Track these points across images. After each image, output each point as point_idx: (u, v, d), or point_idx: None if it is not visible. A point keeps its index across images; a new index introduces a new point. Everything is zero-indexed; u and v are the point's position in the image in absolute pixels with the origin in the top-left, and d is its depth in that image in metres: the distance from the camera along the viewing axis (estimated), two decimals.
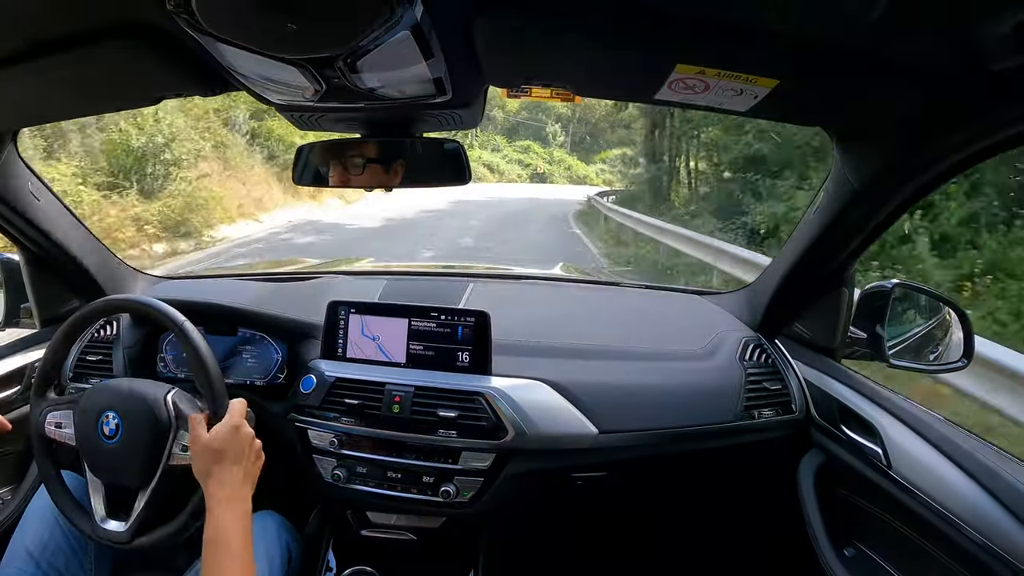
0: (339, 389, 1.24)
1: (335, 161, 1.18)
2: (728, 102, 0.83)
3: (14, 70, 0.82)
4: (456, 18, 0.70)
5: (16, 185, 1.25)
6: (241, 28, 0.69)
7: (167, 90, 0.97)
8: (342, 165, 1.18)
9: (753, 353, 1.30)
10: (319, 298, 1.35)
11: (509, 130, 43.09)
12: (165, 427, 1.00)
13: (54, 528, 1.09)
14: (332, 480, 1.24)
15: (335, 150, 1.18)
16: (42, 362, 1.10)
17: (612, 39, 0.72)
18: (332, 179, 1.19)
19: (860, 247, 1.14)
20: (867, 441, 1.07)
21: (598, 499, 1.37)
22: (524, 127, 43.20)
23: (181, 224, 9.31)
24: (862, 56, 0.67)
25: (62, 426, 1.05)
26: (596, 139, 45.02)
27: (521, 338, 1.31)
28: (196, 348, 1.03)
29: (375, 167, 1.17)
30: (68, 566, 1.07)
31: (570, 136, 44.99)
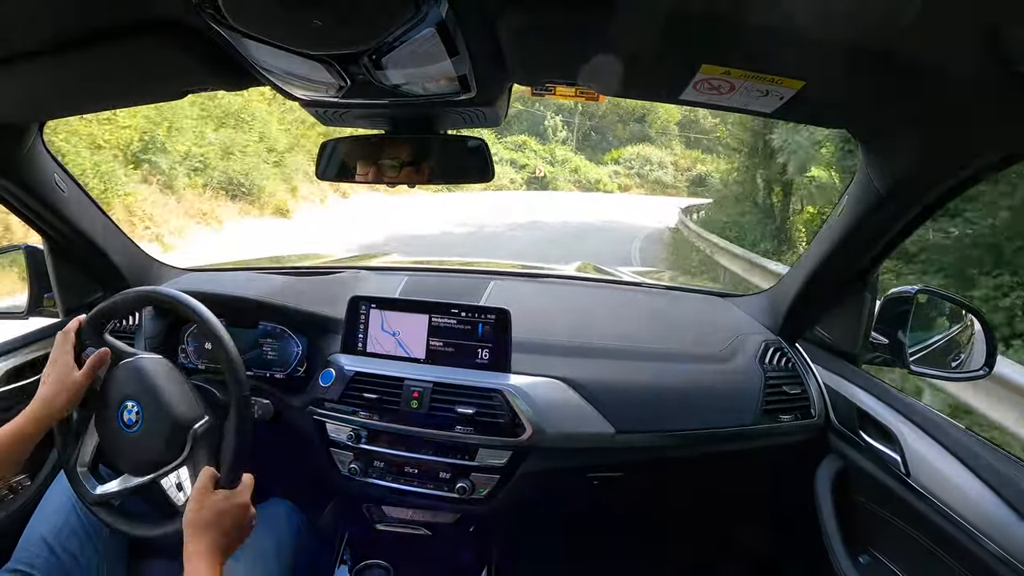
0: (358, 383, 1.25)
1: (359, 157, 1.19)
2: (753, 103, 0.82)
3: (41, 63, 0.83)
4: (481, 16, 0.70)
5: (42, 176, 1.26)
6: (267, 24, 0.69)
7: (193, 84, 0.98)
8: (365, 161, 1.19)
9: (773, 356, 1.29)
10: (340, 293, 1.36)
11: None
12: (176, 453, 0.99)
13: (69, 515, 1.10)
14: (349, 474, 1.25)
15: (359, 146, 1.19)
16: (96, 310, 1.09)
17: (637, 38, 0.72)
18: (355, 175, 1.20)
19: (884, 251, 1.13)
20: (886, 448, 1.06)
21: (613, 499, 1.37)
22: (518, 120, 33.93)
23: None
24: (889, 57, 0.66)
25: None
26: (604, 135, 38.56)
27: (541, 336, 1.31)
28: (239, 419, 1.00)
29: (399, 163, 1.17)
30: (82, 552, 1.09)
31: (576, 131, 37.09)
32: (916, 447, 1.00)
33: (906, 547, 1.03)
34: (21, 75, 0.88)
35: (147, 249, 1.63)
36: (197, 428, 0.99)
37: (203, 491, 0.91)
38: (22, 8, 0.73)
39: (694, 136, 38.44)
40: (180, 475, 1.01)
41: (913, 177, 0.92)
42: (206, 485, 0.91)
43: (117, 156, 9.04)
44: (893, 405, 1.10)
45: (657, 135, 38.78)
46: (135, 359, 1.04)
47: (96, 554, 1.11)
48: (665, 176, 34.96)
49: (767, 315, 1.39)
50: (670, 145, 37.96)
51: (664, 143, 38.22)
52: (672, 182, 34.60)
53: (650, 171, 34.91)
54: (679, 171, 35.60)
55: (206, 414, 1.01)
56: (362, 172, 1.19)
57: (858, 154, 1.00)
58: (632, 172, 34.89)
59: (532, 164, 27.29)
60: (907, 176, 0.92)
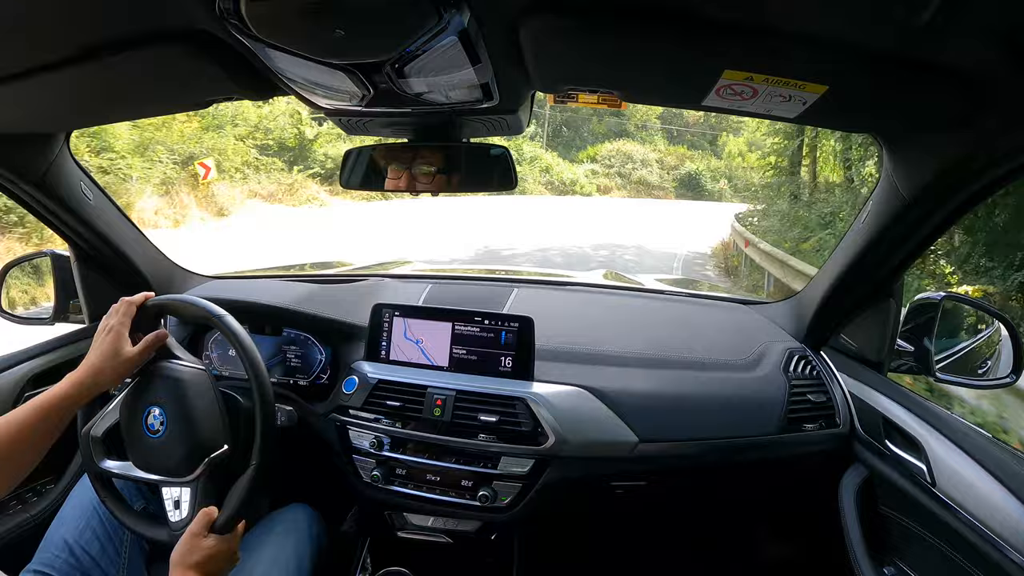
0: (381, 391, 1.25)
1: (382, 165, 1.20)
2: (776, 108, 0.82)
3: (68, 73, 0.84)
4: (503, 24, 0.70)
5: (69, 184, 1.28)
6: (290, 34, 0.70)
7: (217, 94, 0.99)
8: (389, 169, 1.19)
9: (798, 364, 1.28)
10: (364, 300, 1.37)
11: None
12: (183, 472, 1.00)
13: (91, 518, 1.11)
14: (371, 480, 1.25)
15: (382, 154, 1.19)
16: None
17: (659, 45, 0.72)
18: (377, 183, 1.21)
19: (909, 257, 1.12)
20: (911, 457, 1.04)
21: (636, 507, 1.36)
22: None
23: None
24: (912, 60, 0.66)
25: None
26: (577, 130, 33.88)
27: (564, 344, 1.31)
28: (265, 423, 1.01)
29: (422, 171, 1.18)
30: (102, 555, 1.09)
31: (546, 125, 31.65)
32: (942, 456, 0.99)
33: (932, 558, 1.02)
34: (48, 85, 0.89)
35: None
36: (214, 456, 1.00)
37: (195, 535, 0.93)
38: (49, 19, 0.74)
39: (677, 130, 35.20)
40: (182, 494, 1.00)
41: (938, 181, 0.90)
42: (201, 529, 0.94)
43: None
44: (919, 413, 1.08)
45: (636, 130, 34.61)
46: (180, 365, 1.04)
47: (116, 558, 1.11)
48: (650, 175, 30.19)
49: (791, 322, 1.38)
50: (652, 140, 33.34)
51: (645, 138, 34.02)
52: (659, 182, 30.23)
53: (632, 170, 30.20)
54: (665, 169, 31.19)
55: (227, 443, 1.01)
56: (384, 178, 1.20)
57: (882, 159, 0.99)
58: (612, 171, 30.07)
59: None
60: (932, 180, 0.91)
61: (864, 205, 1.11)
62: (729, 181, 30.21)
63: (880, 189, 1.03)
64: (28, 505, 1.32)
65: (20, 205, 1.28)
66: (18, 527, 1.27)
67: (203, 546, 0.92)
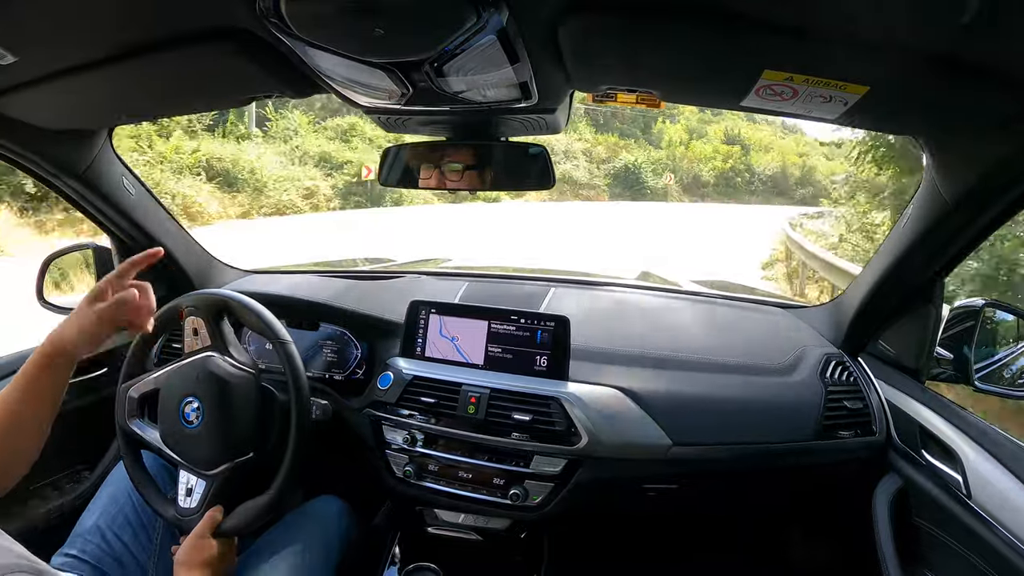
0: (416, 387, 1.26)
1: (421, 163, 1.21)
2: (817, 109, 0.81)
3: (112, 71, 0.86)
4: (542, 23, 0.71)
5: (111, 179, 1.31)
6: (330, 33, 0.71)
7: (257, 92, 1.02)
8: (428, 167, 1.21)
9: (835, 370, 1.26)
10: (400, 297, 1.38)
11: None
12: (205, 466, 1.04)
13: (125, 505, 1.13)
14: (403, 476, 1.26)
15: (421, 152, 1.21)
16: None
17: (698, 45, 0.72)
18: (417, 181, 1.22)
19: (950, 263, 1.10)
20: (947, 468, 1.03)
21: (667, 510, 1.36)
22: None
23: None
24: (955, 61, 0.65)
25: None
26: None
27: (600, 344, 1.31)
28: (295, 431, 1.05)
29: (460, 169, 1.19)
30: (135, 542, 1.11)
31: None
32: (979, 468, 0.97)
33: (965, 572, 0.99)
34: (93, 83, 0.91)
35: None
36: (238, 461, 1.03)
37: (200, 536, 0.99)
38: (95, 19, 0.76)
39: (604, 114, 27.46)
40: (196, 484, 1.04)
41: (981, 185, 0.89)
42: (205, 531, 0.99)
43: None
44: (956, 423, 1.06)
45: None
46: (230, 364, 1.06)
47: (148, 545, 1.13)
48: (576, 171, 22.83)
49: (829, 327, 1.37)
50: (576, 128, 25.50)
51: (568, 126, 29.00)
52: (588, 179, 23.18)
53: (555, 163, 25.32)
54: (594, 163, 24.19)
55: (253, 450, 1.05)
56: (425, 177, 1.21)
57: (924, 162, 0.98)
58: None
59: (357, 161, 15.04)
60: (975, 184, 0.90)
61: (905, 209, 1.09)
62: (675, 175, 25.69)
63: (922, 192, 1.02)
64: (63, 491, 1.35)
65: (63, 199, 1.31)
66: (52, 512, 1.30)
67: (207, 547, 0.98)
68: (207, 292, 1.13)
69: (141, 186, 1.39)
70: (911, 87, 0.74)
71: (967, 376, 1.18)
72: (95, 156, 1.25)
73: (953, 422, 1.07)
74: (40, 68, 0.88)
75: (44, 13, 0.72)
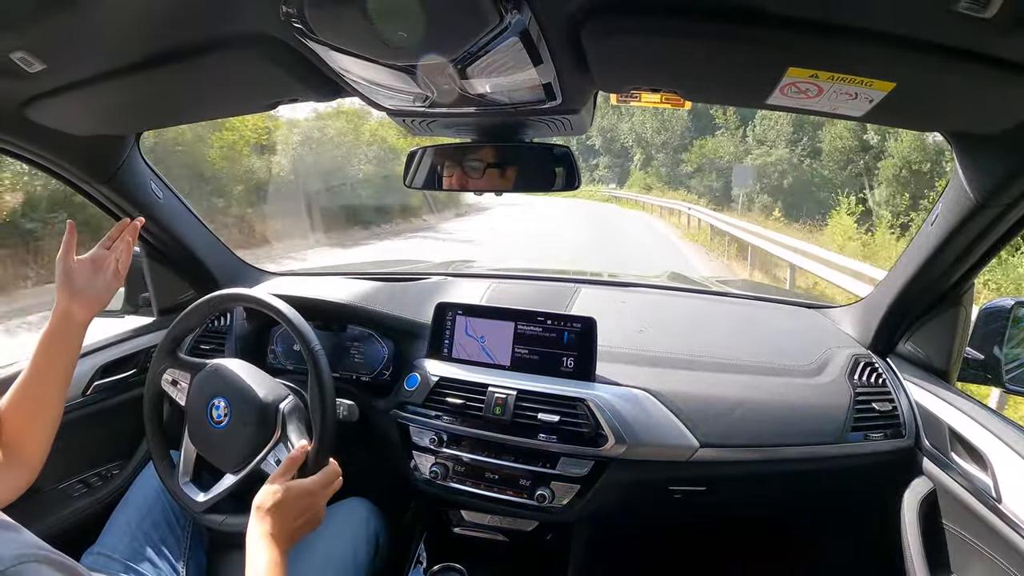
0: (442, 388, 1.27)
1: (446, 165, 1.21)
2: (843, 107, 0.80)
3: (139, 77, 0.88)
4: (565, 24, 0.71)
5: (139, 183, 1.33)
6: (353, 36, 0.72)
7: (282, 96, 1.02)
8: (453, 169, 1.21)
9: (863, 372, 1.25)
10: (427, 298, 1.39)
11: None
12: (269, 433, 1.04)
13: (155, 504, 1.15)
14: (430, 477, 1.27)
15: (446, 154, 1.21)
16: (167, 334, 1.16)
17: (722, 43, 0.71)
18: (443, 183, 1.22)
19: (979, 263, 1.09)
20: (977, 471, 1.01)
21: (694, 512, 1.35)
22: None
23: None
24: (983, 56, 0.64)
25: (177, 383, 1.12)
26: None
27: (626, 346, 1.30)
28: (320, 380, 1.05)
29: (486, 171, 1.19)
30: (165, 541, 1.13)
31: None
32: (1009, 472, 0.95)
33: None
34: (121, 88, 0.92)
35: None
36: (284, 406, 1.05)
37: (281, 476, 0.94)
38: (122, 25, 0.77)
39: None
40: (279, 455, 1.04)
41: (1011, 182, 0.88)
42: (286, 471, 0.95)
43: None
44: (986, 426, 1.05)
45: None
46: (211, 364, 1.10)
47: (178, 544, 1.14)
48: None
49: (857, 327, 1.36)
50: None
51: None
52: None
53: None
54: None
55: (289, 394, 1.07)
56: (449, 178, 1.21)
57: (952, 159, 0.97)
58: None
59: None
60: (1005, 181, 0.89)
61: (934, 208, 1.08)
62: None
63: (950, 191, 1.00)
64: (93, 489, 1.37)
65: (92, 203, 1.34)
66: (83, 510, 1.31)
67: (289, 487, 0.92)
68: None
69: (168, 190, 1.41)
70: (937, 83, 0.73)
71: (998, 377, 1.16)
72: (123, 161, 1.27)
73: (983, 424, 1.05)
74: (69, 76, 0.89)
75: (72, 22, 0.73)
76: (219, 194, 9.59)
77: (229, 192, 9.83)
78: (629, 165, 33.29)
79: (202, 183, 9.22)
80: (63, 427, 1.29)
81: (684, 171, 27.20)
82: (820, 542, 1.47)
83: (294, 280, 1.67)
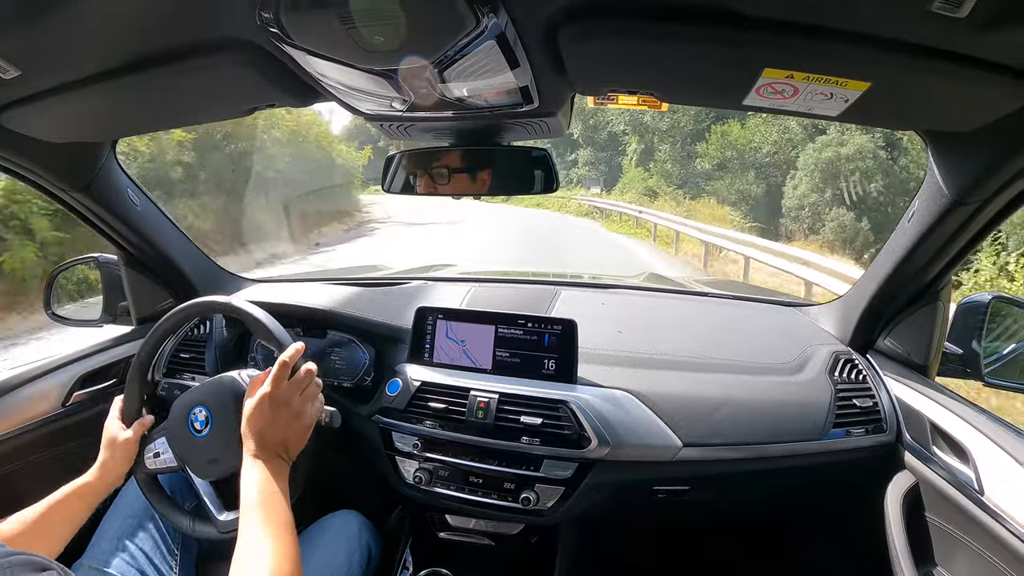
0: (424, 393, 1.26)
1: (423, 169, 1.21)
2: (818, 107, 0.81)
3: (114, 84, 0.87)
4: (541, 27, 0.71)
5: (116, 191, 1.32)
6: (329, 41, 0.72)
7: (259, 101, 1.01)
8: (430, 173, 1.21)
9: (844, 368, 1.26)
10: (407, 303, 1.38)
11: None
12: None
13: (144, 513, 1.13)
14: (414, 482, 1.26)
15: (424, 158, 1.20)
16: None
17: (699, 45, 0.72)
18: (420, 187, 1.22)
19: (956, 258, 1.10)
20: (959, 464, 1.02)
21: (678, 511, 1.36)
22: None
23: None
24: (955, 55, 0.65)
25: (160, 455, 1.08)
26: None
27: (608, 347, 1.30)
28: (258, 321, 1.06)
29: (463, 175, 1.19)
30: (156, 550, 1.11)
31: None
32: (991, 464, 0.96)
33: (979, 569, 0.99)
34: (96, 96, 0.91)
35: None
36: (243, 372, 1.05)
37: (256, 384, 0.96)
38: (98, 31, 0.76)
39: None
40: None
41: (985, 179, 0.89)
42: (253, 387, 0.95)
43: None
44: (967, 419, 1.06)
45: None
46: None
47: (168, 555, 1.13)
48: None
49: (837, 325, 1.36)
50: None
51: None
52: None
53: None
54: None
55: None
56: (428, 183, 1.21)
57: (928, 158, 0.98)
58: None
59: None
60: (979, 178, 0.90)
61: (910, 205, 1.09)
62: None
63: (926, 188, 1.02)
64: None
65: (68, 211, 1.32)
66: None
67: (258, 402, 0.92)
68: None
69: (146, 197, 1.40)
70: (912, 83, 0.74)
71: (977, 371, 1.18)
72: (99, 168, 1.26)
73: (964, 418, 1.06)
74: (44, 82, 0.88)
75: (48, 28, 0.72)
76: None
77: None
78: (620, 160, 25.27)
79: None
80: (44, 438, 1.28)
81: (699, 168, 20.08)
82: (805, 538, 1.48)
83: (274, 286, 1.66)
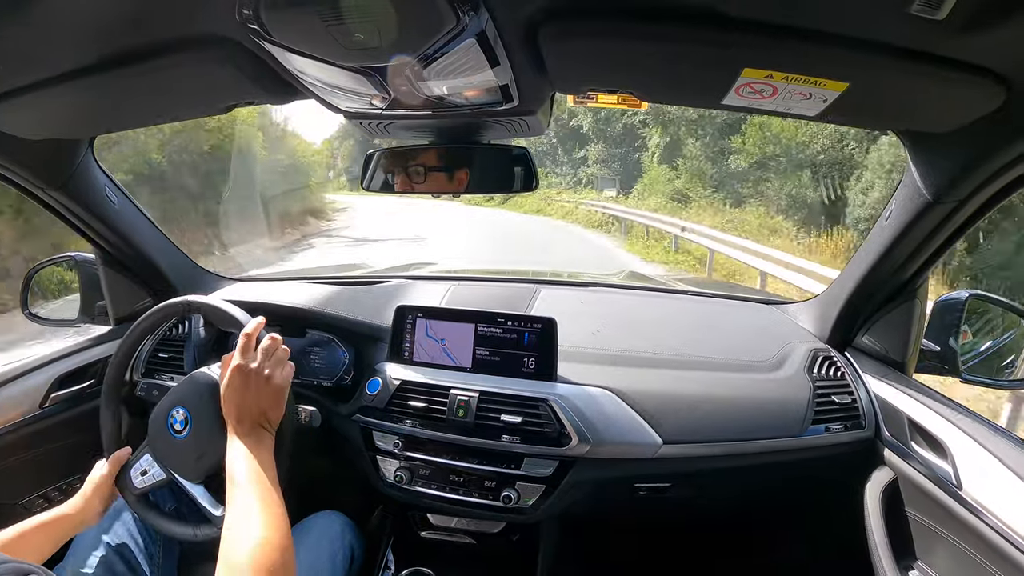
0: (404, 392, 1.26)
1: (403, 167, 1.20)
2: (797, 107, 0.81)
3: (91, 80, 0.86)
4: (522, 26, 0.71)
5: (93, 189, 1.30)
6: (309, 38, 0.71)
7: (238, 99, 1.00)
8: (409, 171, 1.20)
9: (822, 365, 1.27)
10: (387, 301, 1.37)
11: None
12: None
13: (124, 516, 1.13)
14: (395, 481, 1.26)
15: (403, 156, 1.20)
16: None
17: (679, 45, 0.72)
18: (399, 185, 1.21)
19: (933, 257, 1.11)
20: (937, 459, 1.03)
21: (659, 508, 1.36)
22: None
23: None
24: (933, 56, 0.66)
25: (147, 472, 1.06)
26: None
27: (588, 345, 1.30)
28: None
29: (441, 173, 1.19)
30: (136, 553, 1.10)
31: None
32: (968, 459, 0.98)
33: (958, 562, 1.00)
34: (72, 92, 0.90)
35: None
36: (216, 365, 1.02)
37: (225, 363, 0.94)
38: (75, 28, 0.75)
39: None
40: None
41: (963, 178, 0.90)
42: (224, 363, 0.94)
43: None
44: (944, 415, 1.07)
45: None
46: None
47: (149, 560, 1.12)
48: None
49: (815, 323, 1.37)
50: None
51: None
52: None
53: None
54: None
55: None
56: (408, 181, 1.20)
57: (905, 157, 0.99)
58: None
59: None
60: (956, 177, 0.90)
61: (887, 203, 1.10)
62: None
63: (903, 188, 1.02)
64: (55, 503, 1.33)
65: (46, 209, 1.30)
66: None
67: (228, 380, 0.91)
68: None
69: (124, 195, 1.38)
70: (889, 83, 0.75)
71: (954, 368, 1.19)
72: (77, 166, 1.24)
73: (941, 414, 1.07)
74: (19, 78, 0.87)
75: (24, 25, 0.71)
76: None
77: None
78: (638, 156, 20.73)
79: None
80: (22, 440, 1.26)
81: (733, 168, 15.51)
82: (786, 534, 1.49)
83: (253, 285, 1.65)
